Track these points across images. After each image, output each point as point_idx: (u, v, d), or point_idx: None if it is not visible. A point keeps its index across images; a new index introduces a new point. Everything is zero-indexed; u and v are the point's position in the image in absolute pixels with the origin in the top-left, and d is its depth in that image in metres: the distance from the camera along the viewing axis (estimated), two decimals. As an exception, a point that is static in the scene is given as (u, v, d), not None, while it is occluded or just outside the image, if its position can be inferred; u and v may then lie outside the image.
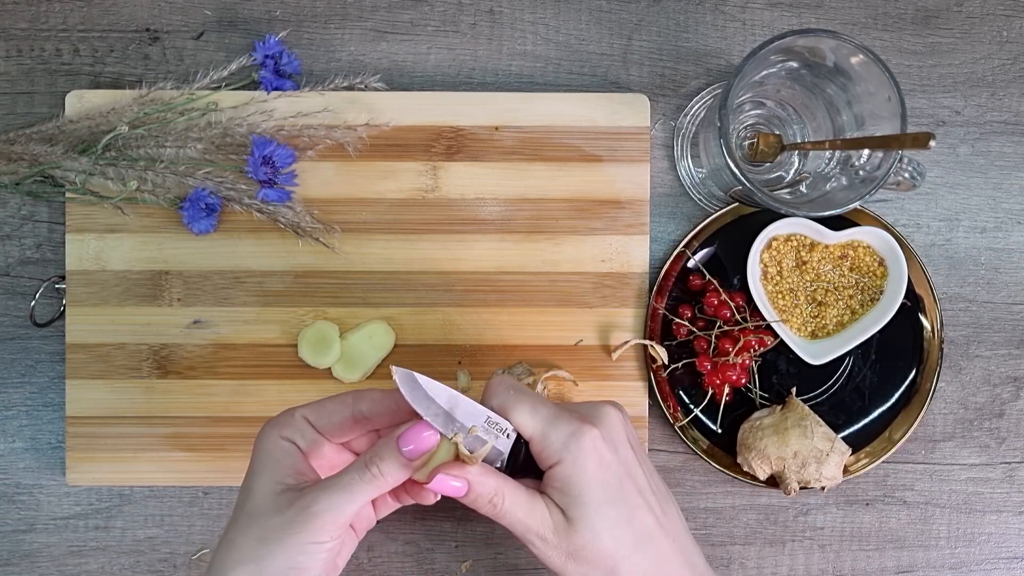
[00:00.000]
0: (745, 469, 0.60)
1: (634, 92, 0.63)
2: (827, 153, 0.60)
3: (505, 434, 0.47)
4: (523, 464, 0.48)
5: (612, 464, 0.47)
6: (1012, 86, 0.64)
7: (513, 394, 0.47)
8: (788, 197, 0.60)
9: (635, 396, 0.62)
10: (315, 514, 0.44)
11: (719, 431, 0.62)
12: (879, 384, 0.62)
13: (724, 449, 0.62)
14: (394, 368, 0.45)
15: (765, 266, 0.61)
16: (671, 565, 0.48)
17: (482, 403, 0.48)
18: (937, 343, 0.62)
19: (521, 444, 0.48)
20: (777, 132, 0.61)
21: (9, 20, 0.63)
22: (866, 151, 0.56)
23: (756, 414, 0.61)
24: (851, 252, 0.61)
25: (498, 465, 0.48)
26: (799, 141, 0.61)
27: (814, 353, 0.60)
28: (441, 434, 0.45)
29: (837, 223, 0.60)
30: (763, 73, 0.57)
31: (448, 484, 0.45)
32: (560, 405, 0.49)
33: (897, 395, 0.62)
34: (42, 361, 0.63)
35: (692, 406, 0.62)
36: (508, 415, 0.47)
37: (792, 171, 0.62)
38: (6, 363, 0.63)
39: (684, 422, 0.62)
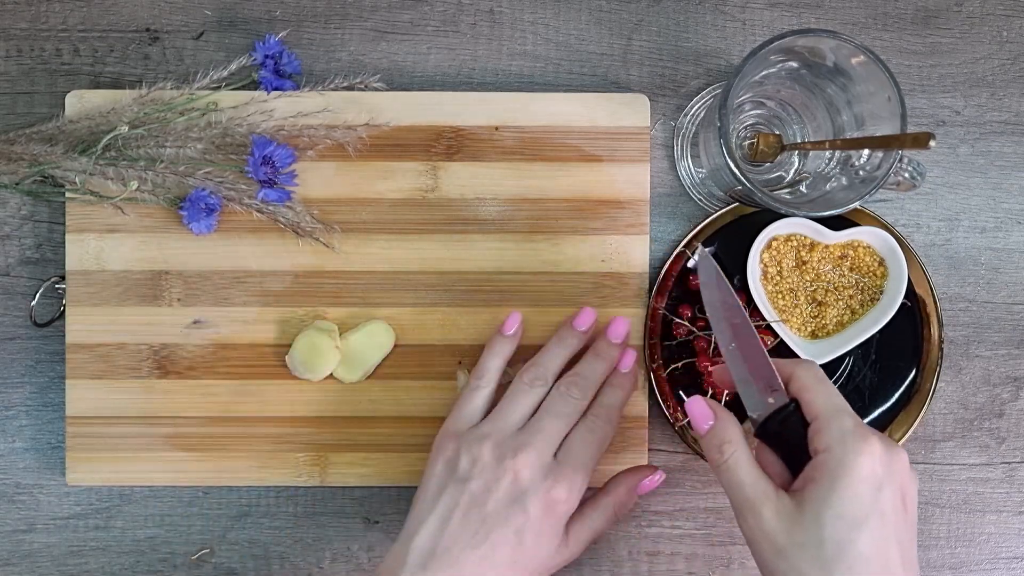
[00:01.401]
0: (745, 469, 0.60)
1: (634, 92, 0.63)
2: (827, 153, 0.60)
3: (770, 398, 0.48)
4: (773, 435, 0.48)
5: (880, 488, 0.43)
6: (1012, 86, 0.64)
7: (817, 375, 0.48)
8: (788, 197, 0.60)
9: (635, 396, 0.61)
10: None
11: (719, 431, 0.62)
12: (879, 384, 0.62)
13: (724, 449, 0.62)
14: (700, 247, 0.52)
15: (765, 266, 0.61)
16: None
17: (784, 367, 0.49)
18: (937, 343, 0.62)
19: (781, 416, 0.48)
20: (777, 132, 0.61)
21: (9, 20, 0.63)
22: (866, 151, 0.56)
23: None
24: (851, 252, 0.61)
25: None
26: (799, 141, 0.61)
27: (814, 353, 0.60)
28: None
29: (837, 223, 0.60)
30: (763, 73, 0.57)
31: (700, 406, 0.48)
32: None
33: (897, 395, 0.62)
34: (42, 361, 0.63)
35: (692, 406, 0.62)
36: (802, 388, 0.47)
37: (792, 171, 0.62)
38: (6, 363, 0.63)
39: (684, 422, 0.61)
